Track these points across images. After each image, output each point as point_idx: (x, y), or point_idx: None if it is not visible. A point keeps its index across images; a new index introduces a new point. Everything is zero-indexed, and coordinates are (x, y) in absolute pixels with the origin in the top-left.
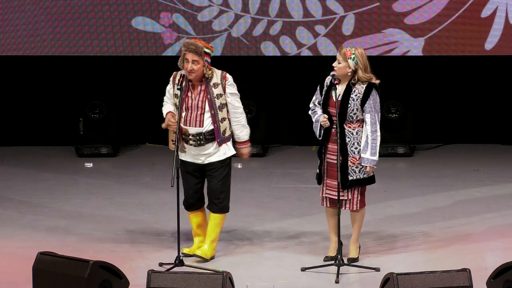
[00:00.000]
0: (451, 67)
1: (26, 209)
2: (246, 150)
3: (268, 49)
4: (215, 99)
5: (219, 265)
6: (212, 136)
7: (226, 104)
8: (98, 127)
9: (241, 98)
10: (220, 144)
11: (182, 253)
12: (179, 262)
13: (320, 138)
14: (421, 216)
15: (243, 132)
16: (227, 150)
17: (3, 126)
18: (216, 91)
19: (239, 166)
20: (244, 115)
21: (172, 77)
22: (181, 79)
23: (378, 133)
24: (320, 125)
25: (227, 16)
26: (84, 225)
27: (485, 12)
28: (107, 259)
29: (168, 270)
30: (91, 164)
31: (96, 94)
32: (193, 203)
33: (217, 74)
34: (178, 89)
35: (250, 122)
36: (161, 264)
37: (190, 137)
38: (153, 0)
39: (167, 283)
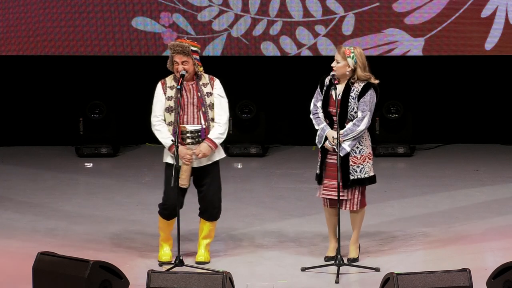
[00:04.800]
0: (451, 67)
1: (26, 209)
2: (204, 147)
3: (268, 49)
4: (205, 96)
5: (219, 265)
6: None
7: (214, 105)
8: (98, 127)
9: (241, 98)
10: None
11: (159, 262)
12: (179, 262)
13: (320, 147)
14: (421, 216)
15: (217, 136)
16: (216, 153)
17: (3, 126)
18: (206, 89)
19: (239, 166)
20: (226, 126)
21: (160, 85)
22: (180, 79)
23: (359, 129)
24: (325, 136)
25: (227, 16)
26: (84, 225)
27: (485, 12)
28: (107, 259)
29: (168, 270)
30: (91, 164)
31: (96, 94)
32: (173, 211)
33: (205, 76)
34: (178, 89)
35: (250, 122)
36: (161, 264)
37: (188, 135)
38: (153, 0)
39: (167, 283)
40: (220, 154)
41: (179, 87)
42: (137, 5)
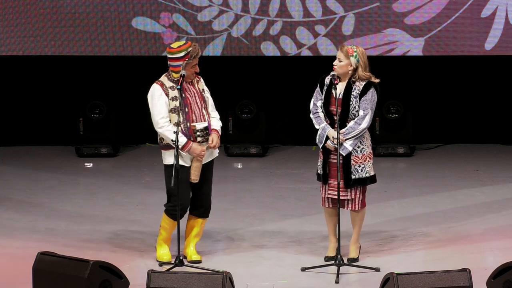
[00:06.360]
0: (451, 67)
1: (26, 209)
2: (216, 136)
3: (268, 49)
4: (203, 93)
5: (219, 265)
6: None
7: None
8: (98, 127)
9: (241, 98)
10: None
11: (159, 262)
12: (179, 262)
13: (321, 147)
14: (421, 216)
15: (219, 128)
16: (216, 149)
17: (3, 126)
18: (199, 86)
19: (239, 166)
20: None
21: (159, 87)
22: (181, 79)
23: (361, 127)
24: (326, 136)
25: (227, 16)
26: (84, 225)
27: (485, 12)
28: (107, 259)
29: (168, 270)
30: (91, 164)
31: (96, 94)
32: (183, 211)
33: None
34: (178, 88)
35: (250, 122)
36: (161, 264)
37: (198, 133)
38: (153, 0)
39: (167, 283)
40: (217, 150)
41: (179, 87)
42: (137, 5)
